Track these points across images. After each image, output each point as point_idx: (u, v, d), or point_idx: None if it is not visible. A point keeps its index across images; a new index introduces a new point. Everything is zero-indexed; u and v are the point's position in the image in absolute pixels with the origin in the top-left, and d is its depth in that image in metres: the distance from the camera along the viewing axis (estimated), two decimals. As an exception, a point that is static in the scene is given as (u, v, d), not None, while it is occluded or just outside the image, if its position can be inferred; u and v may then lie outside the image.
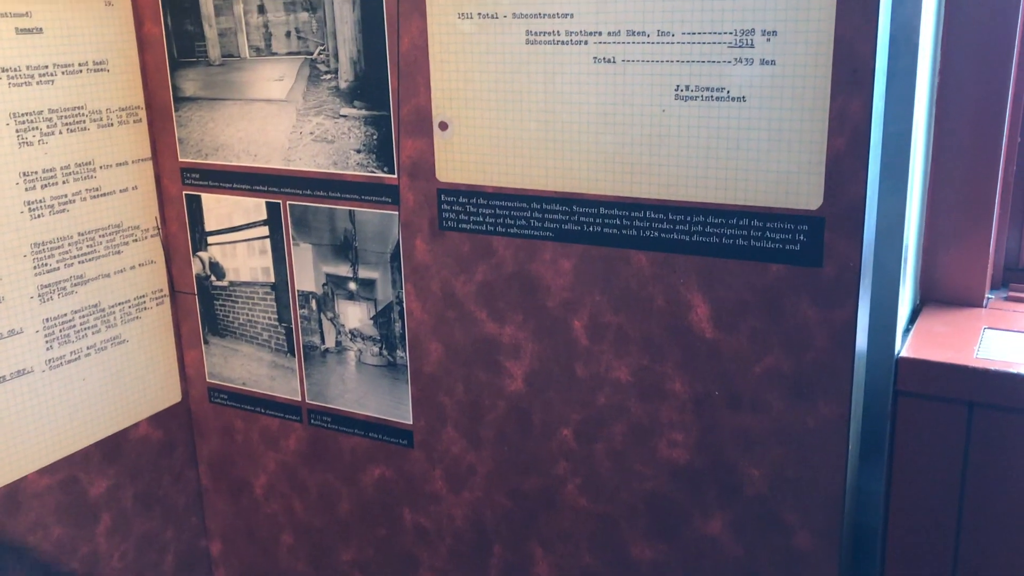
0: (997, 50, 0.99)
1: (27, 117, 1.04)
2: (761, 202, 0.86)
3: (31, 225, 1.06)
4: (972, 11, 0.98)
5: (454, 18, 0.96)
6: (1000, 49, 0.99)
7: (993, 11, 0.98)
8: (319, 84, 1.06)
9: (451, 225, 1.02)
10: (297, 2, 1.04)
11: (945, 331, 1.00)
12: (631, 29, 0.87)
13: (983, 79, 1.00)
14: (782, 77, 0.82)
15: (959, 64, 1.00)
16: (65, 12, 1.07)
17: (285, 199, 1.12)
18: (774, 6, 0.80)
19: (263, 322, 1.19)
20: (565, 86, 0.92)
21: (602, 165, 0.92)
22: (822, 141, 0.82)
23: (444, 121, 1.00)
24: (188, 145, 1.17)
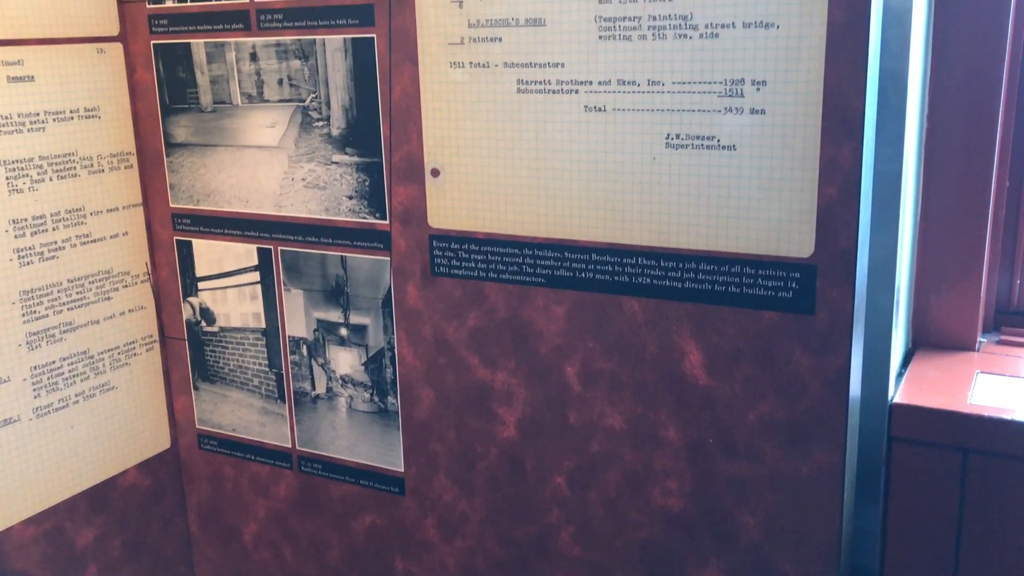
0: (984, 95, 1.00)
1: (17, 164, 1.04)
2: (753, 249, 0.86)
3: (20, 272, 1.05)
4: (959, 57, 0.99)
5: (446, 67, 0.96)
6: (987, 94, 1.00)
7: (980, 57, 0.99)
8: (311, 131, 1.06)
9: (443, 271, 1.02)
10: (289, 50, 1.05)
11: (938, 376, 1.00)
12: (621, 78, 0.88)
13: (971, 124, 1.01)
14: (772, 126, 0.82)
15: (947, 110, 1.01)
16: (57, 60, 1.07)
17: (276, 245, 1.12)
18: (763, 56, 0.81)
19: (253, 368, 1.19)
20: (556, 134, 0.92)
21: (593, 212, 0.92)
22: (813, 189, 0.82)
23: (436, 168, 1.00)
24: (179, 191, 1.17)
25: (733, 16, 0.81)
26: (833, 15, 0.78)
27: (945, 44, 0.99)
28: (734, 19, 0.81)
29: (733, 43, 0.82)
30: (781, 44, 0.80)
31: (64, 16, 1.07)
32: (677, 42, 0.84)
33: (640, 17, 0.85)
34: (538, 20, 0.90)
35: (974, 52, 0.99)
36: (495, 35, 0.93)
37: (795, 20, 0.79)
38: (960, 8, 0.97)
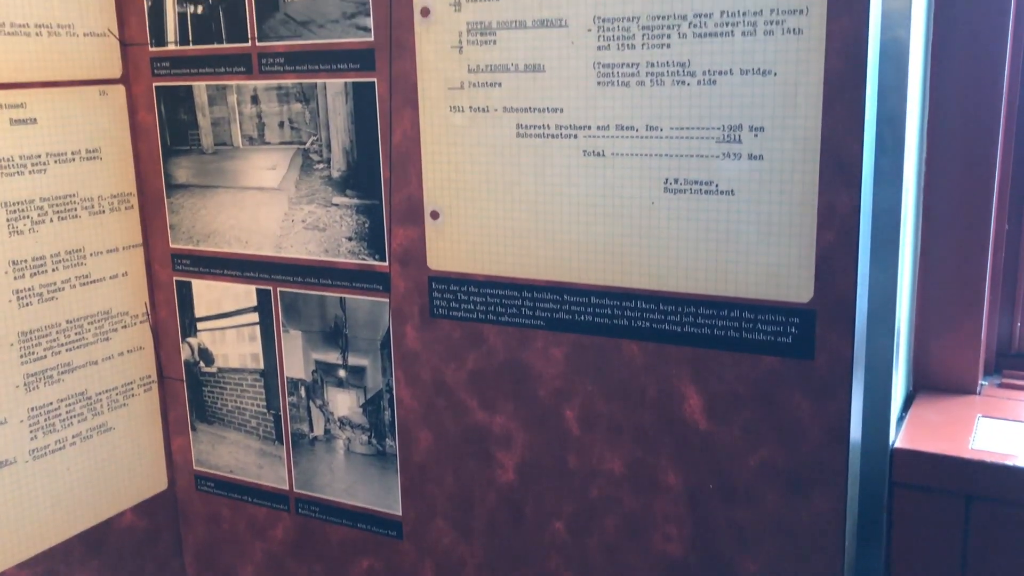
0: (982, 138, 1.00)
1: (18, 206, 1.04)
2: (752, 294, 0.86)
3: (19, 314, 1.05)
4: (957, 101, 0.99)
5: (446, 111, 0.97)
6: (984, 137, 1.00)
7: (977, 100, 0.99)
8: (311, 173, 1.06)
9: (442, 313, 1.02)
10: (291, 93, 1.05)
11: (939, 420, 1.00)
12: (620, 123, 0.88)
13: (969, 167, 1.01)
14: (770, 172, 0.82)
15: (945, 154, 1.01)
16: (60, 102, 1.08)
17: (276, 286, 1.12)
18: (761, 103, 0.81)
19: (251, 409, 1.18)
20: (555, 178, 0.93)
21: (592, 255, 0.92)
22: (811, 235, 0.82)
23: (435, 210, 1.00)
24: (180, 231, 1.17)
25: (731, 63, 0.82)
26: (830, 63, 0.79)
27: (942, 88, 0.99)
28: (732, 66, 0.82)
29: (731, 90, 0.82)
30: (779, 91, 0.81)
31: (67, 59, 1.08)
32: (675, 88, 0.85)
33: (638, 64, 0.86)
34: (537, 66, 0.91)
35: (971, 95, 0.99)
36: (495, 80, 0.93)
37: (792, 67, 0.80)
38: (957, 52, 0.98)
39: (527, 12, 0.90)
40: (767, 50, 0.80)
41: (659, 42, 0.85)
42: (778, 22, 0.79)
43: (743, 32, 0.81)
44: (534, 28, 0.90)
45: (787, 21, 0.79)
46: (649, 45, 0.85)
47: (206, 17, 1.08)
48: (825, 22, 0.78)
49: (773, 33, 0.80)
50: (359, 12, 0.98)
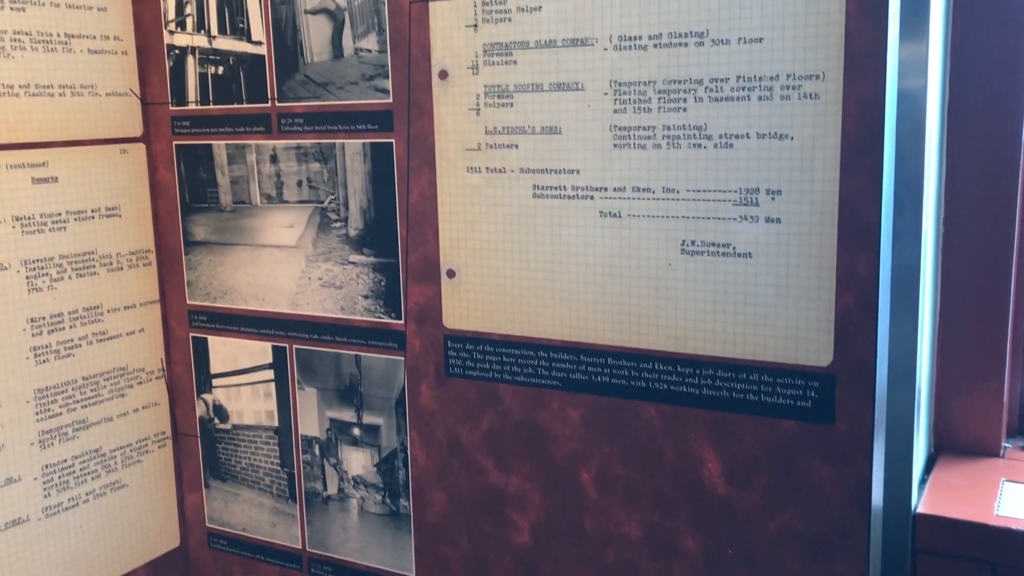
0: (1000, 199, 1.00)
1: (38, 264, 1.05)
2: (770, 357, 0.85)
3: (36, 371, 1.06)
4: (974, 161, 0.99)
5: (463, 171, 0.97)
6: (1003, 198, 1.00)
7: (995, 160, 0.99)
8: (329, 231, 1.07)
9: (457, 372, 1.01)
10: (309, 153, 1.06)
11: (962, 484, 0.98)
12: (636, 185, 0.88)
13: (988, 228, 1.00)
14: (788, 235, 0.82)
15: (963, 215, 1.01)
16: (81, 160, 1.09)
17: (291, 343, 1.12)
18: (778, 166, 0.81)
19: (265, 467, 1.17)
20: (571, 238, 0.93)
21: (609, 316, 0.92)
22: (830, 298, 0.81)
23: (452, 269, 1.00)
24: (197, 288, 1.18)
25: (747, 127, 0.82)
26: (847, 127, 0.79)
27: (960, 149, 0.99)
28: (748, 130, 0.82)
29: (747, 153, 0.83)
30: (795, 155, 0.81)
31: (89, 119, 1.09)
32: (692, 151, 0.85)
33: (655, 127, 0.86)
34: (554, 128, 0.91)
35: (989, 155, 0.99)
36: (511, 142, 0.94)
37: (809, 132, 0.80)
38: (973, 112, 0.98)
39: (544, 76, 0.91)
40: (784, 114, 0.80)
41: (675, 106, 0.85)
42: (795, 87, 0.80)
43: (759, 97, 0.81)
44: (551, 91, 0.91)
45: (803, 86, 0.79)
46: (665, 109, 0.86)
47: (227, 78, 1.10)
48: (842, 87, 0.78)
49: (790, 98, 0.80)
50: (378, 75, 0.99)
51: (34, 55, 1.03)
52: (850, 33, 0.77)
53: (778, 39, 0.79)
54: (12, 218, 1.02)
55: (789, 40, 0.79)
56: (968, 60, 0.93)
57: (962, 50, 0.93)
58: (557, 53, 0.90)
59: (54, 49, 1.05)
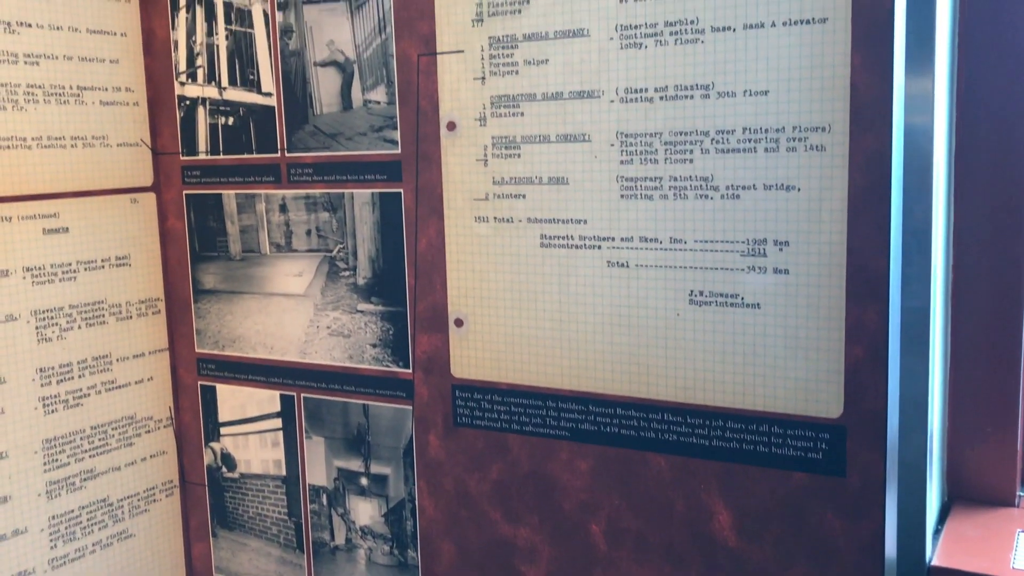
0: (1009, 242, 1.00)
1: (47, 314, 1.05)
2: (780, 408, 0.84)
3: (44, 421, 1.06)
4: (982, 209, 0.99)
5: (471, 221, 0.98)
6: (1012, 243, 0.99)
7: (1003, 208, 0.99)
8: (337, 280, 1.07)
9: (465, 421, 1.01)
10: (318, 202, 1.07)
11: (977, 535, 0.97)
12: (644, 236, 0.88)
13: (997, 277, 1.00)
14: (796, 286, 0.82)
15: (972, 260, 1.01)
16: (91, 210, 1.10)
17: (299, 392, 1.12)
18: (785, 217, 0.82)
19: (273, 516, 1.17)
20: (579, 288, 0.93)
21: (617, 366, 0.92)
22: (840, 349, 0.81)
23: (460, 318, 1.00)
24: (206, 336, 1.18)
25: (754, 178, 0.82)
26: (854, 178, 0.79)
27: (968, 196, 0.99)
28: (755, 181, 0.82)
29: (754, 204, 0.83)
30: (803, 206, 0.81)
31: (100, 169, 1.10)
32: (698, 202, 0.85)
33: (661, 178, 0.87)
34: (561, 179, 0.92)
35: (997, 203, 0.99)
36: (519, 192, 0.95)
37: (816, 183, 0.80)
38: (981, 161, 0.98)
39: (550, 127, 0.91)
40: (790, 166, 0.81)
41: (682, 157, 0.85)
42: (801, 139, 0.80)
43: (766, 148, 0.81)
44: (558, 143, 0.91)
45: (810, 138, 0.80)
46: (672, 160, 0.86)
47: (237, 128, 1.11)
48: (848, 139, 0.78)
49: (796, 150, 0.80)
50: (387, 126, 1.00)
51: (47, 108, 1.04)
52: (856, 86, 0.78)
53: (784, 91, 0.80)
54: (23, 269, 1.03)
55: (795, 93, 0.79)
56: (974, 109, 0.93)
57: (968, 100, 0.93)
58: (564, 105, 0.90)
59: (67, 101, 1.06)
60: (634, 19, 0.85)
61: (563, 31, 0.89)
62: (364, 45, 1.01)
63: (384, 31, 0.99)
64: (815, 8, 0.78)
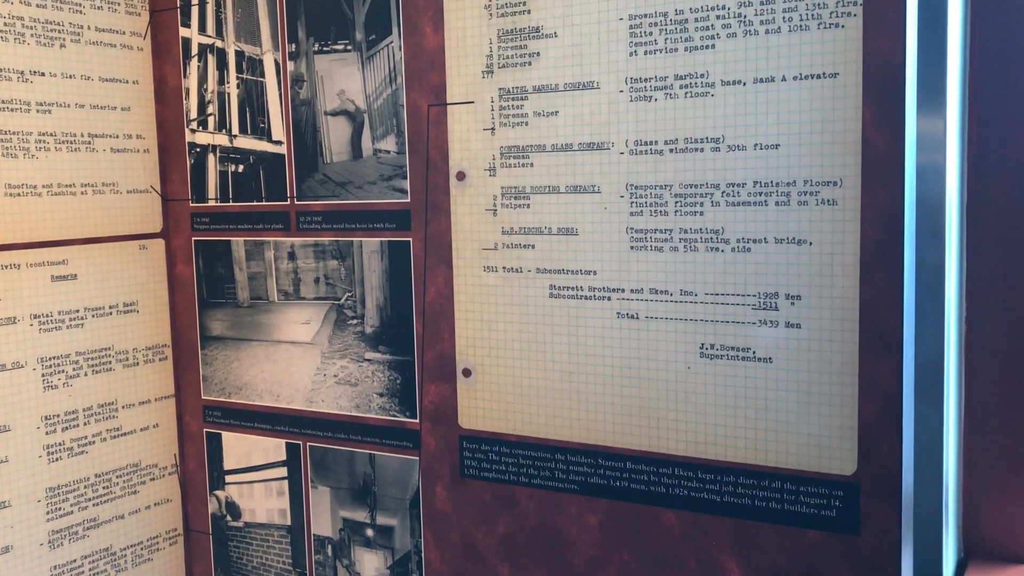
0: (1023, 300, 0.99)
1: (54, 361, 1.05)
2: (793, 465, 0.83)
3: (48, 469, 1.05)
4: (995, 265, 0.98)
5: (479, 270, 0.97)
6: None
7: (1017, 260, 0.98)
8: (345, 328, 1.07)
9: (473, 473, 1.00)
10: (327, 250, 1.07)
11: (995, 593, 0.95)
12: (654, 287, 0.88)
13: (1011, 329, 0.99)
14: (808, 340, 0.81)
15: (986, 317, 1.00)
16: (100, 257, 1.10)
17: (305, 440, 1.11)
18: (797, 271, 0.81)
19: (277, 566, 1.15)
20: (588, 339, 0.92)
21: (627, 419, 0.91)
22: (853, 405, 0.80)
23: (468, 368, 0.99)
24: (212, 383, 1.17)
25: (765, 232, 0.82)
26: (866, 233, 0.78)
27: (980, 248, 0.98)
28: (766, 235, 0.82)
29: (766, 257, 0.82)
30: (815, 260, 0.80)
31: (110, 216, 1.11)
32: (709, 255, 0.85)
33: (671, 230, 0.86)
34: (570, 230, 0.92)
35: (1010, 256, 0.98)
36: (528, 242, 0.94)
37: (828, 237, 0.79)
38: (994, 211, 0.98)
39: (560, 178, 0.91)
40: (801, 220, 0.80)
41: (692, 209, 0.85)
42: (812, 193, 0.79)
43: (776, 202, 0.81)
44: (567, 193, 0.91)
45: (821, 192, 0.79)
46: (682, 212, 0.86)
47: (247, 175, 1.11)
48: (860, 194, 0.78)
49: (807, 204, 0.80)
50: (396, 175, 1.00)
51: (58, 155, 1.05)
52: (867, 140, 0.77)
53: (795, 145, 0.80)
54: (30, 316, 1.03)
55: (806, 147, 0.79)
56: (985, 162, 0.93)
57: (979, 152, 0.93)
58: (573, 156, 0.90)
59: (78, 149, 1.07)
60: (644, 72, 0.85)
61: (573, 83, 0.89)
62: (374, 95, 1.01)
63: (394, 82, 0.99)
64: (825, 63, 0.78)
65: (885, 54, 0.76)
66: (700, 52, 0.83)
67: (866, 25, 0.76)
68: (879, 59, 0.76)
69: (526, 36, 0.91)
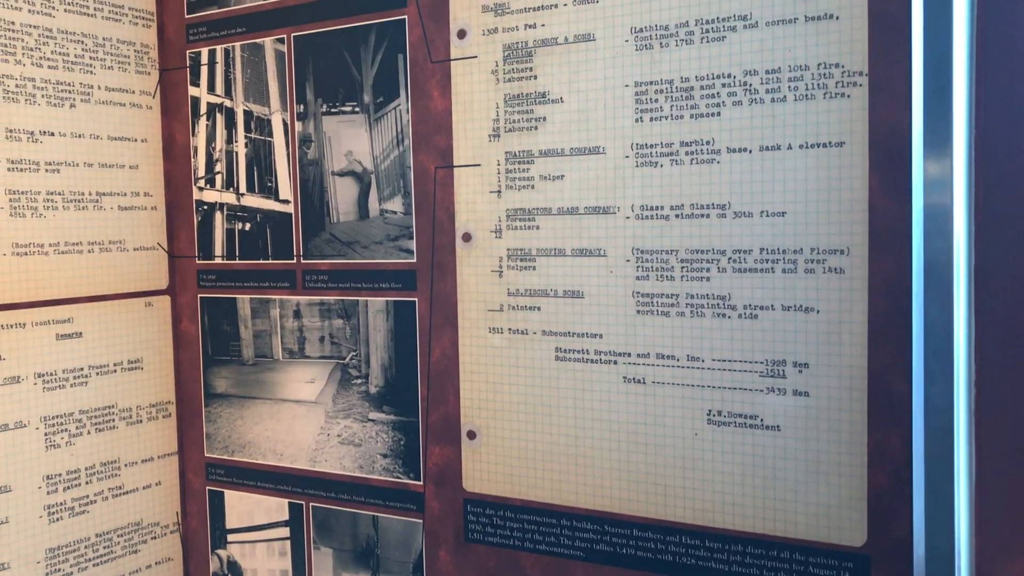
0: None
1: (57, 420, 1.04)
2: (802, 535, 0.82)
3: (48, 530, 1.04)
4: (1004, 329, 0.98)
5: (485, 332, 0.97)
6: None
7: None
8: (349, 388, 1.06)
9: (477, 537, 0.98)
10: (332, 309, 1.06)
11: (1010, 666, 0.92)
12: (660, 352, 0.87)
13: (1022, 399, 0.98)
14: (816, 409, 0.80)
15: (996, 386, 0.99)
16: (106, 315, 1.10)
17: (308, 500, 1.10)
18: (804, 339, 0.80)
19: (278, 629, 1.13)
20: (595, 403, 0.91)
21: (634, 485, 0.90)
22: (862, 476, 0.79)
23: (472, 430, 0.98)
24: (215, 441, 1.17)
25: (772, 299, 0.81)
26: (874, 302, 0.78)
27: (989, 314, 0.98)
28: (773, 302, 0.81)
29: (773, 325, 0.82)
30: (822, 328, 0.79)
31: (116, 273, 1.11)
32: (716, 320, 0.84)
33: (678, 295, 0.86)
34: (576, 292, 0.91)
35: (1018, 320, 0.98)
36: (534, 304, 0.94)
37: (835, 306, 0.79)
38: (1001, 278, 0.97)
39: (566, 241, 0.91)
40: (808, 288, 0.80)
41: (698, 275, 0.85)
42: (819, 261, 0.79)
43: (784, 269, 0.81)
44: (573, 256, 0.91)
45: (828, 260, 0.79)
46: (688, 277, 0.85)
47: (253, 234, 1.11)
48: (867, 262, 0.77)
49: (814, 272, 0.79)
50: (402, 235, 1.00)
51: (66, 214, 1.05)
52: (874, 209, 0.77)
53: (801, 213, 0.79)
54: (34, 375, 1.02)
55: (812, 215, 0.79)
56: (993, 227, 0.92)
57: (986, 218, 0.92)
58: (579, 220, 0.90)
59: (85, 207, 1.07)
60: (649, 138, 0.86)
61: (579, 148, 0.89)
62: (382, 156, 1.01)
63: (402, 143, 1.00)
64: (831, 132, 0.78)
65: (891, 123, 0.76)
66: (706, 119, 0.83)
67: (872, 95, 0.76)
68: (885, 128, 0.76)
69: (533, 101, 0.91)
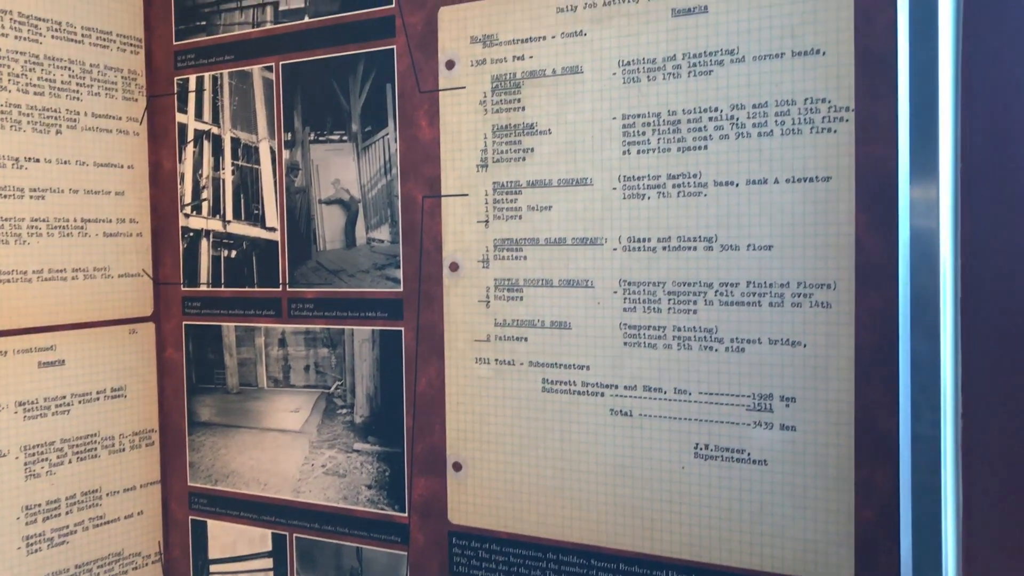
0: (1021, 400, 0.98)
1: (37, 449, 1.03)
2: (789, 570, 0.81)
3: (26, 562, 1.02)
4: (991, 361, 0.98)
5: (471, 362, 0.96)
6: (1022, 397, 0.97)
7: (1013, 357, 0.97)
8: (334, 418, 1.05)
9: (462, 570, 0.97)
10: (318, 338, 1.06)
11: None
12: (647, 385, 0.87)
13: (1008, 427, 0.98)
14: (804, 443, 0.80)
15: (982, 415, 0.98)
16: (89, 342, 1.09)
17: (292, 531, 1.09)
18: (792, 373, 0.80)
19: (260, 662, 1.12)
20: (581, 435, 0.91)
21: (621, 519, 0.89)
22: (849, 511, 0.78)
23: (458, 461, 0.98)
24: (199, 470, 1.15)
25: (759, 332, 0.81)
26: (861, 336, 0.78)
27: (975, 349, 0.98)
28: (760, 335, 0.81)
29: (760, 358, 0.81)
30: (809, 363, 0.79)
31: (100, 300, 1.10)
32: (703, 353, 0.84)
33: (665, 327, 0.85)
34: (563, 324, 0.91)
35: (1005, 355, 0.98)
36: (521, 335, 0.93)
37: (822, 340, 0.79)
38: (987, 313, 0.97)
39: (553, 272, 0.91)
40: (795, 321, 0.80)
41: (685, 307, 0.84)
42: (806, 295, 0.79)
43: (770, 303, 0.80)
44: (560, 287, 0.91)
45: (815, 295, 0.79)
46: (675, 310, 0.85)
47: (239, 261, 1.11)
48: (854, 297, 0.77)
49: (801, 306, 0.79)
50: (389, 264, 1.00)
51: (50, 240, 1.04)
52: (860, 243, 0.77)
53: (788, 247, 0.79)
54: (15, 403, 1.01)
55: (799, 249, 0.79)
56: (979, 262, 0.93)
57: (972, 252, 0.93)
58: (566, 251, 0.90)
59: (70, 234, 1.06)
60: (636, 171, 0.86)
61: (566, 179, 0.89)
62: (369, 185, 1.01)
63: (389, 172, 0.99)
64: (818, 167, 0.78)
65: (878, 159, 0.76)
66: (693, 152, 0.83)
67: (859, 130, 0.77)
68: (872, 163, 0.76)
69: (521, 132, 0.91)
